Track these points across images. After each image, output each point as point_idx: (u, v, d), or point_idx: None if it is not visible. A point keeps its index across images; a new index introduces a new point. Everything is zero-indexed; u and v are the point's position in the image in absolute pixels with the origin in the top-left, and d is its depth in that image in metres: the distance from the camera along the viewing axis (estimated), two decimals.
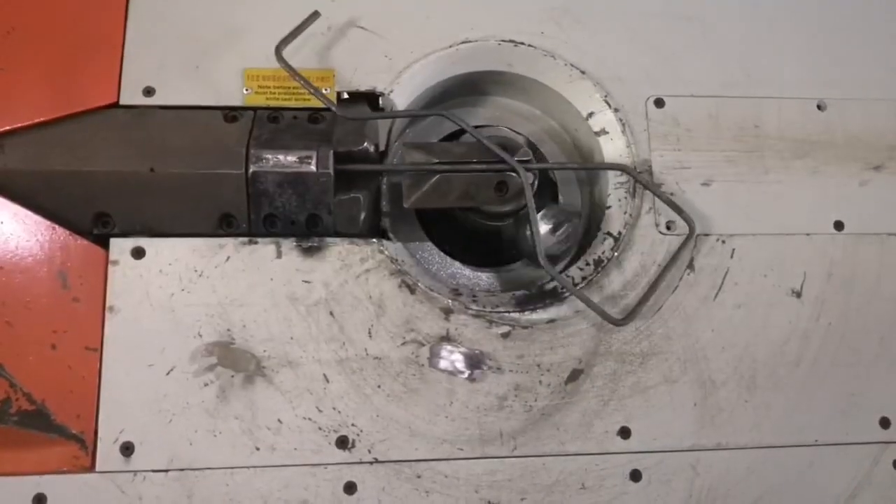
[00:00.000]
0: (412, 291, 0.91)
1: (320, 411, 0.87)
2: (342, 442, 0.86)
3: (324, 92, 0.93)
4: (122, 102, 0.92)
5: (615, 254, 0.95)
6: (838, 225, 0.98)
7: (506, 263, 1.02)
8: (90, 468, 0.83)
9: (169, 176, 0.87)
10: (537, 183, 0.93)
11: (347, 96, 0.95)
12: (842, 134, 1.01)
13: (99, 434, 0.84)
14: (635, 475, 0.89)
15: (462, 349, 0.90)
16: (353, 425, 0.87)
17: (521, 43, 1.00)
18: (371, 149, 0.90)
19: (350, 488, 0.86)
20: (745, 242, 0.96)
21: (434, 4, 1.00)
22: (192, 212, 0.89)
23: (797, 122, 1.01)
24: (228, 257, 0.89)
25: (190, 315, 0.87)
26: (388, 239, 0.93)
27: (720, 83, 1.01)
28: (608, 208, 0.97)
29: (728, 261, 0.96)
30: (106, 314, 0.86)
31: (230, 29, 0.96)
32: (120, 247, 0.88)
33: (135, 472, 0.84)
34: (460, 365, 0.89)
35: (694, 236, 0.94)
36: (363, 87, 0.96)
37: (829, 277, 0.97)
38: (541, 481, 0.88)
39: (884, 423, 0.94)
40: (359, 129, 0.91)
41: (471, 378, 0.89)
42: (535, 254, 0.87)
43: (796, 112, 1.01)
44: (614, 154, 0.99)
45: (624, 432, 0.90)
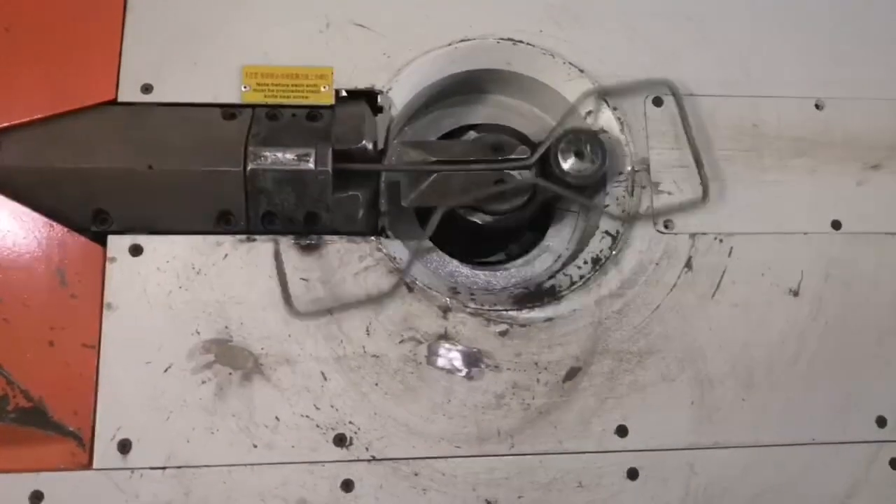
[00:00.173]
0: (410, 290, 0.91)
1: (318, 409, 0.87)
2: (340, 440, 0.86)
3: (322, 90, 0.93)
4: (121, 99, 0.91)
5: (613, 252, 0.95)
6: (836, 224, 0.98)
7: (504, 262, 1.02)
8: (87, 465, 0.83)
9: (167, 173, 0.87)
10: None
11: (346, 94, 0.95)
12: (840, 133, 1.01)
13: (96, 431, 0.84)
14: (632, 473, 0.89)
15: (460, 347, 0.90)
16: (351, 423, 0.87)
17: (520, 41, 1.00)
18: (369, 147, 0.90)
19: (348, 486, 0.86)
20: (743, 241, 0.96)
21: (433, 2, 1.00)
22: (191, 209, 0.89)
23: (795, 122, 1.01)
24: (226, 255, 0.89)
25: (188, 312, 0.87)
26: (387, 237, 0.93)
27: (718, 82, 1.01)
28: (606, 207, 0.97)
29: (726, 260, 0.95)
30: (104, 311, 0.86)
31: (228, 26, 0.96)
32: (118, 244, 0.88)
33: (132, 470, 0.84)
34: (458, 363, 0.89)
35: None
36: (362, 85, 0.95)
37: (827, 277, 0.97)
38: (538, 479, 0.88)
39: (881, 422, 0.94)
40: (357, 127, 0.91)
41: (468, 376, 0.89)
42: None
43: (794, 111, 1.01)
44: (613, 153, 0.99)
45: (621, 430, 0.90)
